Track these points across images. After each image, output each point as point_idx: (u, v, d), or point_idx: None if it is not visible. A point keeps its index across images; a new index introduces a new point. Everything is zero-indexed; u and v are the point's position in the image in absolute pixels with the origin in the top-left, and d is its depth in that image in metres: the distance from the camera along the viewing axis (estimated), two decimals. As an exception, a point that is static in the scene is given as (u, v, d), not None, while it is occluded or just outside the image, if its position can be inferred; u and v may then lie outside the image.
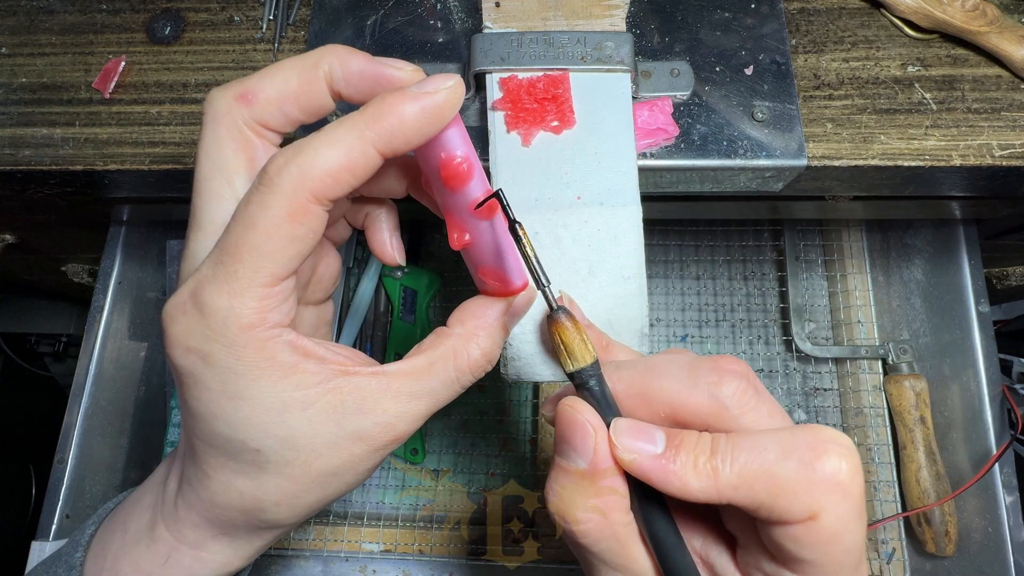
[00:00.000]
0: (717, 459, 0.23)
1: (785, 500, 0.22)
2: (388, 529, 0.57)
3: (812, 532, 0.22)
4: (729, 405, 0.24)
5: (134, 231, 0.60)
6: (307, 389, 0.25)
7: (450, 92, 0.25)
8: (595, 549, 0.25)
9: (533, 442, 0.59)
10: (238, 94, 0.27)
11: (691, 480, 0.23)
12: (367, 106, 0.25)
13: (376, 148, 0.24)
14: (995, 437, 0.51)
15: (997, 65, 0.40)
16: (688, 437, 0.24)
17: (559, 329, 0.26)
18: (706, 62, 0.39)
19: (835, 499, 0.22)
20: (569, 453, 0.25)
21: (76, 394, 0.55)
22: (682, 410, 0.25)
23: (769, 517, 0.22)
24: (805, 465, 0.22)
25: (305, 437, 0.25)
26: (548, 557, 0.54)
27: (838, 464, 0.22)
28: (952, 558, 0.53)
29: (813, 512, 0.22)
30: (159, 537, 0.28)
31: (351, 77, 0.27)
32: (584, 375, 0.25)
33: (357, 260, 0.65)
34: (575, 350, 0.26)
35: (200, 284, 0.24)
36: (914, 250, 0.59)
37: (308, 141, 0.24)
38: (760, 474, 0.22)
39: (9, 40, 0.43)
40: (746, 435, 0.23)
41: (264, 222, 0.24)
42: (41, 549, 0.50)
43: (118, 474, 0.57)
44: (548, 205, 0.33)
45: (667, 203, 0.48)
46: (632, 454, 0.24)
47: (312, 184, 0.24)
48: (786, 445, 0.23)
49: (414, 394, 0.27)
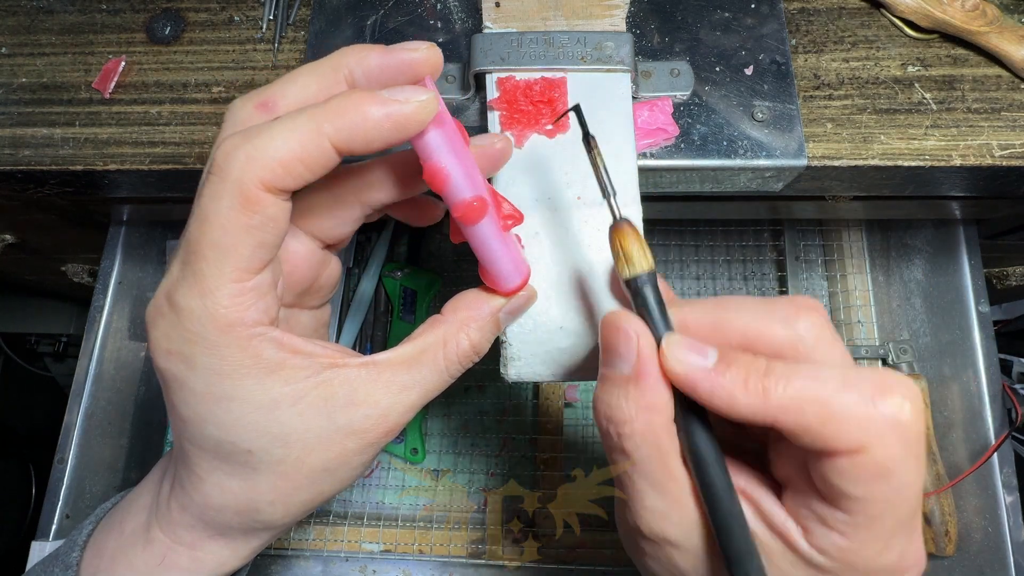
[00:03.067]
0: (771, 379, 0.22)
1: (834, 427, 0.21)
2: (388, 529, 0.57)
3: (860, 466, 0.21)
4: (806, 338, 0.24)
5: (134, 231, 0.60)
6: (296, 384, 0.25)
7: (420, 105, 0.24)
8: (637, 454, 0.24)
9: (533, 442, 0.59)
10: (258, 103, 0.26)
11: (739, 395, 0.22)
12: (331, 98, 0.24)
13: (332, 142, 0.24)
14: (995, 437, 0.51)
15: (997, 65, 0.40)
16: (743, 356, 0.23)
17: (620, 235, 0.26)
18: (706, 62, 0.39)
19: (888, 436, 0.21)
20: (614, 360, 0.25)
21: (76, 394, 0.55)
22: (757, 342, 0.24)
23: (813, 445, 0.22)
24: (864, 399, 0.21)
25: (296, 433, 0.25)
26: (548, 557, 0.54)
27: (900, 403, 0.21)
28: (952, 558, 0.53)
29: (862, 444, 0.21)
30: (154, 538, 0.28)
31: (371, 73, 0.26)
32: (640, 281, 0.25)
33: (357, 260, 0.65)
34: (633, 256, 0.25)
35: (172, 285, 0.24)
36: (914, 250, 0.59)
37: (261, 126, 0.24)
38: (814, 400, 0.22)
39: (9, 40, 0.43)
40: (808, 365, 0.23)
41: (216, 215, 0.23)
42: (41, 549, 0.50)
43: (118, 474, 0.57)
44: (548, 205, 0.33)
45: (667, 203, 0.48)
46: (681, 364, 0.23)
47: (262, 172, 0.23)
48: (849, 380, 0.22)
49: (405, 384, 0.27)
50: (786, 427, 0.22)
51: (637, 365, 0.24)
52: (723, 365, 0.23)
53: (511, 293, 0.30)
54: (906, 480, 0.22)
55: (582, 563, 0.54)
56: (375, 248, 0.65)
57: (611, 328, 0.25)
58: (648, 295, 0.25)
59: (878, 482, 0.21)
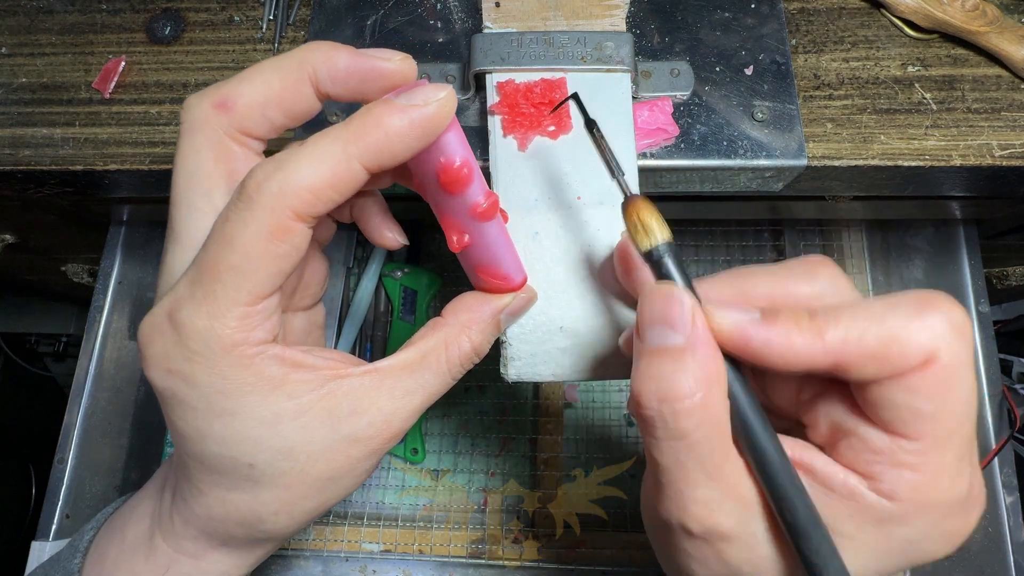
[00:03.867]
0: (820, 320, 0.22)
1: (899, 347, 0.21)
2: (388, 529, 0.57)
3: (930, 376, 0.21)
4: (827, 290, 0.24)
5: (134, 231, 0.60)
6: (299, 398, 0.25)
7: (441, 105, 0.24)
8: (696, 435, 0.22)
9: (533, 442, 0.59)
10: (216, 101, 0.25)
11: (795, 338, 0.22)
12: (352, 118, 0.24)
13: (362, 163, 0.23)
14: (995, 437, 0.51)
15: (997, 65, 0.40)
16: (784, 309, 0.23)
17: (636, 208, 0.25)
18: (706, 62, 0.39)
19: (951, 337, 0.21)
20: (664, 331, 0.23)
21: (76, 394, 0.55)
22: (782, 301, 0.24)
23: (880, 372, 0.21)
24: (917, 311, 0.21)
25: (300, 445, 0.25)
26: (548, 557, 0.54)
27: (951, 308, 0.21)
28: (952, 558, 0.53)
29: (930, 352, 0.21)
30: (157, 547, 0.27)
31: (338, 75, 0.25)
32: (660, 250, 0.24)
33: (357, 260, 0.65)
34: (653, 226, 0.24)
35: (177, 303, 0.24)
36: (914, 250, 0.59)
37: (290, 155, 0.23)
38: (869, 326, 0.21)
39: (9, 40, 0.43)
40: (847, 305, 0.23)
41: (243, 241, 0.23)
42: (41, 549, 0.50)
43: (118, 474, 0.57)
44: (548, 205, 0.33)
45: (667, 203, 0.48)
46: (730, 322, 0.23)
47: (293, 202, 0.23)
48: (891, 303, 0.22)
49: (408, 389, 0.27)
50: (850, 361, 0.21)
51: (692, 333, 0.22)
52: (771, 317, 0.22)
53: (520, 286, 0.29)
54: (971, 386, 0.21)
55: (582, 563, 0.54)
56: (375, 248, 0.65)
57: (660, 297, 0.23)
58: (671, 264, 0.24)
59: (949, 391, 0.21)
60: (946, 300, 0.22)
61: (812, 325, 0.22)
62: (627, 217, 0.25)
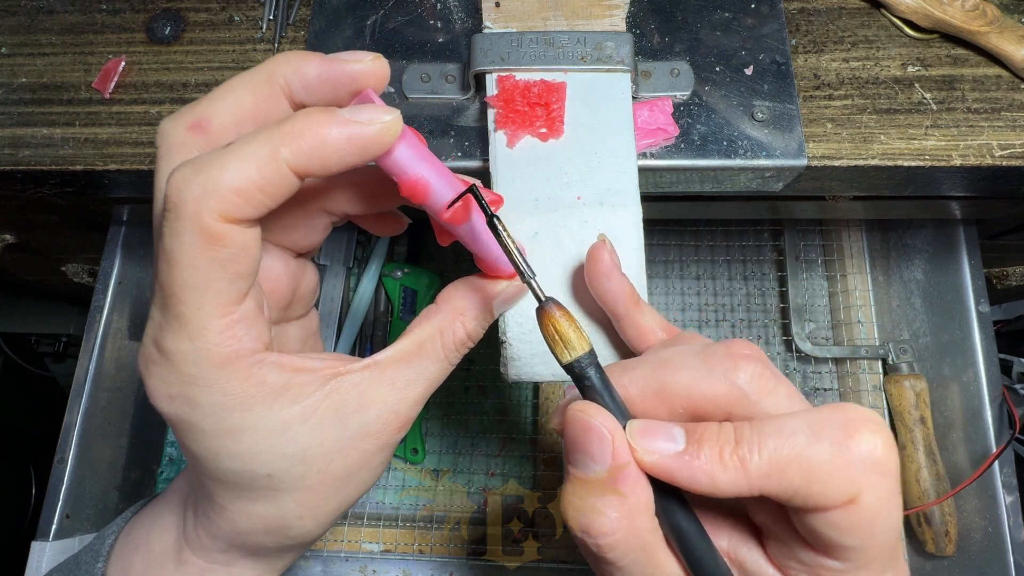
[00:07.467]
0: (744, 448, 0.22)
1: (821, 485, 0.21)
2: (388, 529, 0.57)
3: (852, 516, 0.21)
4: (748, 391, 0.23)
5: (134, 231, 0.60)
6: (304, 400, 0.25)
7: (384, 128, 0.23)
8: (623, 563, 0.23)
9: (533, 442, 0.59)
10: (190, 123, 0.24)
11: (719, 474, 0.22)
12: (286, 119, 0.22)
13: (291, 167, 0.22)
14: (995, 437, 0.51)
15: (997, 65, 0.40)
16: (709, 429, 0.23)
17: (550, 318, 0.24)
18: (706, 62, 0.39)
19: (873, 479, 0.21)
20: (585, 461, 0.23)
21: (76, 394, 0.55)
22: (701, 402, 0.24)
23: (805, 504, 0.21)
24: (839, 446, 0.21)
25: (313, 447, 0.25)
26: (548, 557, 0.54)
27: (873, 442, 0.21)
28: (952, 558, 0.53)
29: (852, 495, 0.21)
30: (187, 560, 0.28)
31: (310, 84, 0.25)
32: (582, 363, 0.24)
33: (357, 260, 0.65)
34: (571, 337, 0.24)
35: (158, 332, 0.23)
36: (914, 250, 0.59)
37: (212, 156, 0.22)
38: (792, 459, 0.21)
39: (9, 40, 0.43)
40: (771, 420, 0.22)
41: (182, 254, 0.22)
42: (41, 549, 0.50)
43: (118, 474, 0.57)
44: (548, 205, 0.33)
45: (667, 203, 0.48)
46: (653, 455, 0.22)
47: (219, 204, 0.21)
48: (815, 426, 0.21)
49: (409, 379, 0.27)
50: (774, 494, 0.21)
51: (614, 467, 0.22)
52: (694, 445, 0.22)
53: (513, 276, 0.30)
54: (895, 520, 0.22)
55: (582, 563, 0.54)
56: (375, 248, 0.65)
57: (579, 427, 0.23)
58: (594, 377, 0.24)
59: (871, 528, 0.21)
60: (869, 427, 0.21)
61: (735, 457, 0.22)
62: (543, 328, 0.25)
